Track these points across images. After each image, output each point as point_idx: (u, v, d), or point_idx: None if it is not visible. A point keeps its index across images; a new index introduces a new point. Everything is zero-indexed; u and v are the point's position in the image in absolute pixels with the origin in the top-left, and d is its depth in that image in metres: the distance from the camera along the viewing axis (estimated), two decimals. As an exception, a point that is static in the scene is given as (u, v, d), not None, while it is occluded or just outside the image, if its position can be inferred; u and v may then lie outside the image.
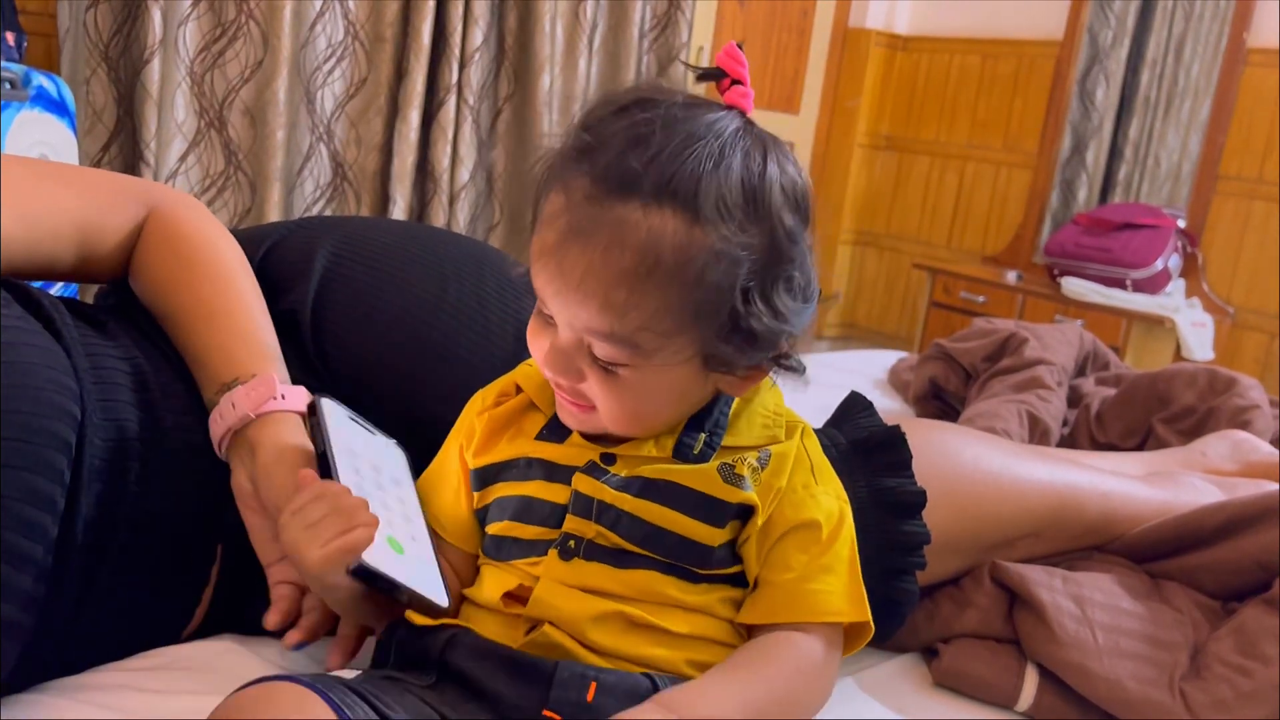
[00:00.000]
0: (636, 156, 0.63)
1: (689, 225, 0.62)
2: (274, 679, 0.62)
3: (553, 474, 0.72)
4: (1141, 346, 3.36)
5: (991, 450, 1.11)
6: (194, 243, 0.89)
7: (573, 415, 0.71)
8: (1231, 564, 1.06)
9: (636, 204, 0.62)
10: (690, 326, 0.65)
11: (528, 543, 0.71)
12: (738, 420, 0.73)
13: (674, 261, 0.62)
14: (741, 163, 0.64)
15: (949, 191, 4.28)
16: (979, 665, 1.01)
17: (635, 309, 0.63)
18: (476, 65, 2.84)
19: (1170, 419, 1.57)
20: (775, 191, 0.65)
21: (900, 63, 4.40)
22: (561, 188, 0.65)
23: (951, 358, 1.83)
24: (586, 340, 0.66)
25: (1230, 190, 3.53)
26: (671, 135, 0.63)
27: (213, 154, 2.57)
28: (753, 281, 0.64)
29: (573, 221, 0.64)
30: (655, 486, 0.69)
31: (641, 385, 0.67)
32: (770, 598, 0.70)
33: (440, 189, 2.84)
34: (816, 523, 0.71)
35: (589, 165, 0.64)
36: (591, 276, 0.63)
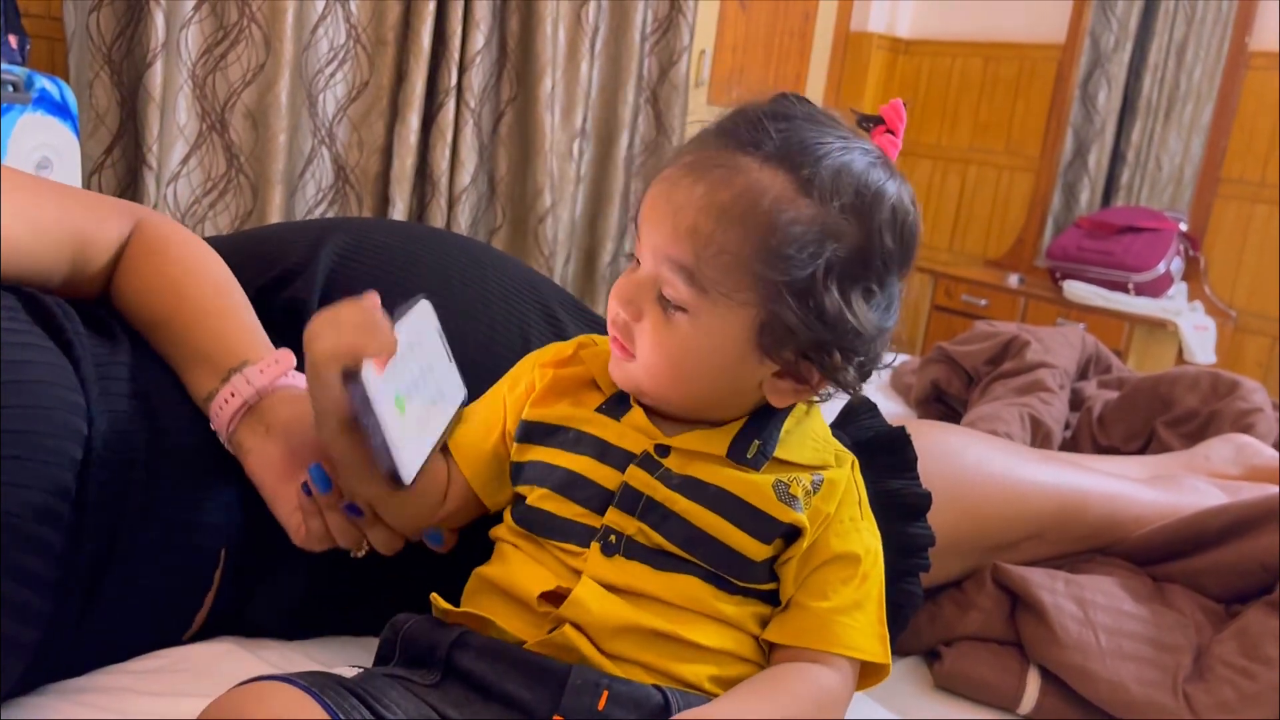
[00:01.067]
0: (771, 125, 0.66)
1: (795, 189, 0.65)
2: (266, 679, 0.62)
3: (605, 454, 0.71)
4: (1143, 350, 3.36)
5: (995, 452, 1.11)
6: (185, 251, 0.89)
7: (616, 363, 0.72)
8: (1234, 566, 1.06)
9: (756, 157, 0.66)
10: (763, 273, 0.65)
11: (566, 524, 0.70)
12: (789, 438, 0.73)
13: (768, 212, 0.65)
14: (864, 167, 0.67)
15: (951, 195, 4.28)
16: (981, 667, 1.01)
17: (716, 243, 0.65)
18: (478, 68, 2.85)
19: (1173, 422, 1.57)
20: (885, 206, 0.67)
21: (902, 66, 4.40)
22: (698, 140, 0.69)
23: (953, 360, 1.83)
24: (661, 275, 0.67)
25: (1232, 194, 3.53)
26: (812, 124, 0.67)
27: (214, 157, 2.57)
28: (835, 267, 0.65)
29: (694, 160, 0.67)
30: (708, 491, 0.69)
31: (690, 339, 0.67)
32: (801, 621, 0.70)
33: (439, 192, 2.84)
34: (857, 556, 0.71)
35: (727, 125, 0.68)
36: (690, 205, 0.66)
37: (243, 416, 0.79)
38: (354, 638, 0.92)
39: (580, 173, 3.14)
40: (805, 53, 4.20)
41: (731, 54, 3.87)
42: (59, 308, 0.80)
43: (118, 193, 2.48)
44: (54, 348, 0.75)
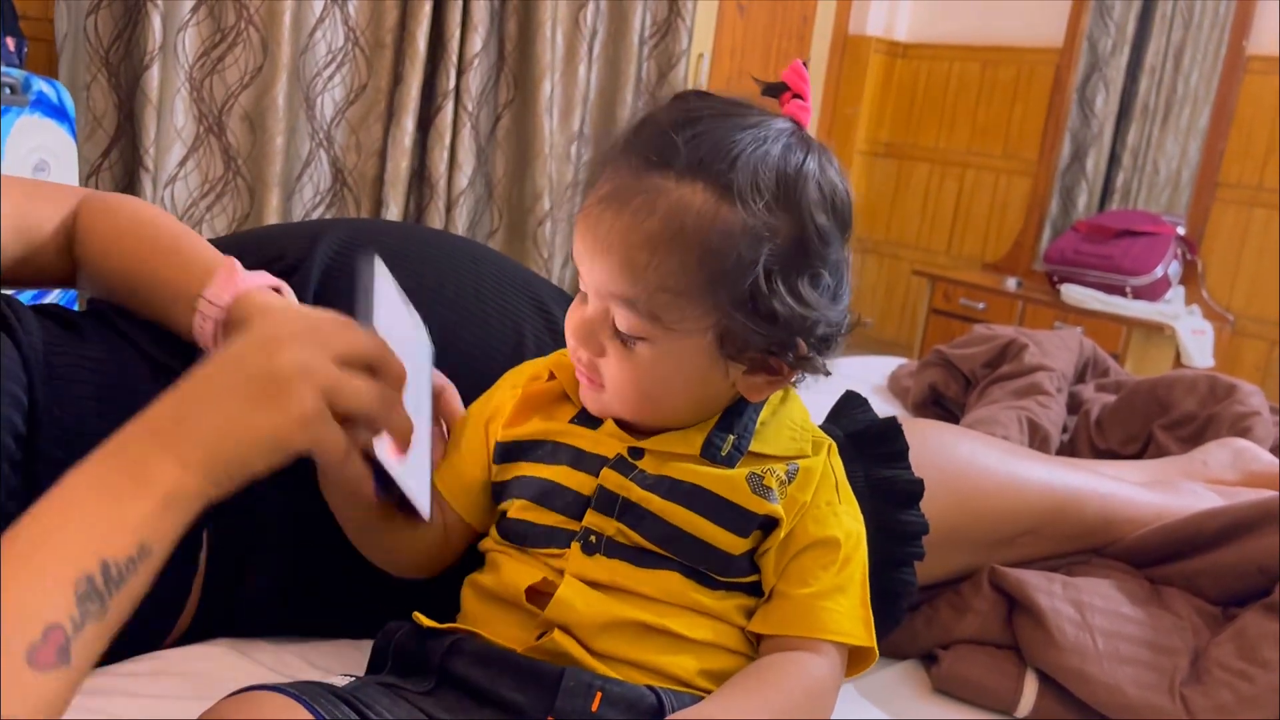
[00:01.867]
0: (679, 134, 0.66)
1: (717, 199, 0.65)
2: (258, 688, 0.62)
3: (579, 461, 0.72)
4: (1141, 353, 3.36)
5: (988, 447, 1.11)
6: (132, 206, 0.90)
7: (587, 392, 0.72)
8: (1232, 569, 1.06)
9: (671, 175, 0.65)
10: (707, 297, 0.65)
11: (547, 530, 0.71)
12: (765, 429, 0.73)
13: (696, 229, 0.64)
14: (780, 154, 0.66)
15: (948, 198, 4.28)
16: (978, 671, 1.00)
17: (654, 271, 0.65)
18: (475, 71, 2.85)
19: (1170, 426, 1.57)
20: (810, 186, 0.67)
21: (900, 70, 4.41)
22: (611, 166, 0.69)
23: (951, 364, 1.83)
24: (610, 310, 0.68)
25: (1230, 197, 3.53)
26: (718, 122, 0.66)
27: (212, 159, 2.57)
28: (775, 265, 0.65)
29: (611, 190, 0.67)
30: (682, 489, 0.69)
31: (656, 364, 0.68)
32: (783, 610, 0.70)
33: (437, 194, 2.84)
34: (836, 540, 0.71)
35: (635, 142, 0.68)
36: (617, 237, 0.66)
37: (225, 334, 0.79)
38: (351, 641, 0.91)
39: (578, 176, 3.14)
40: (803, 56, 4.20)
41: (730, 58, 3.88)
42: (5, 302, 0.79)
43: (115, 195, 2.47)
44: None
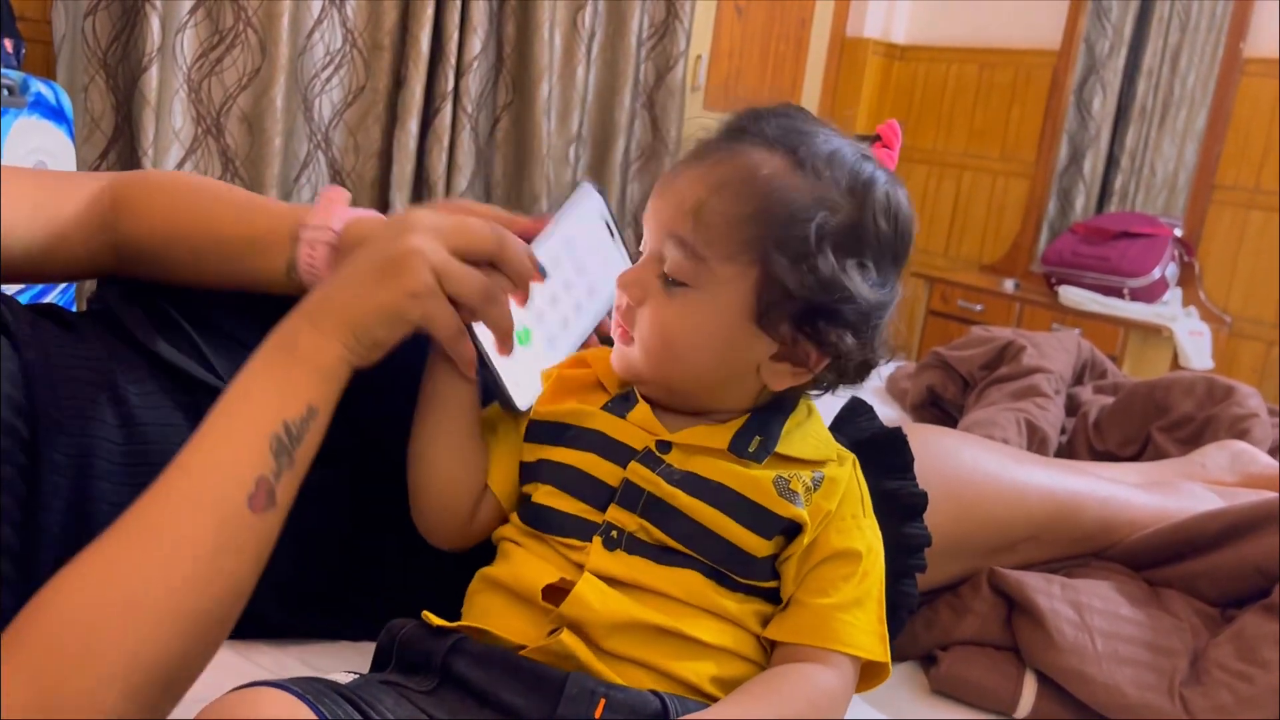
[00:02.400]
0: (771, 117, 0.72)
1: (790, 166, 0.69)
2: (259, 684, 0.61)
3: (607, 449, 0.72)
4: (1139, 355, 3.36)
5: (990, 453, 1.11)
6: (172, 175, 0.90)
7: (617, 349, 0.75)
8: (1231, 570, 1.06)
9: (752, 142, 0.70)
10: (756, 247, 0.68)
11: (571, 519, 0.71)
12: (790, 436, 0.73)
13: (765, 183, 0.68)
14: (854, 157, 0.71)
15: (946, 200, 4.29)
16: (978, 672, 1.00)
17: (713, 210, 0.68)
18: (475, 73, 2.85)
19: (1168, 427, 1.57)
20: (878, 191, 0.70)
21: (897, 72, 4.41)
22: (703, 137, 0.74)
23: (949, 366, 1.83)
24: (662, 252, 0.70)
25: (1227, 199, 3.54)
26: (811, 122, 0.72)
27: (210, 161, 2.57)
28: (827, 235, 0.68)
29: (696, 150, 0.72)
30: (709, 486, 0.69)
31: (690, 313, 0.70)
32: (800, 618, 0.70)
33: (436, 196, 2.84)
34: (858, 553, 0.71)
35: (730, 120, 0.73)
36: (690, 183, 0.70)
37: (337, 260, 0.80)
38: (351, 643, 0.91)
39: (577, 177, 3.14)
40: (801, 58, 4.21)
41: (728, 59, 3.88)
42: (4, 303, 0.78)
43: (113, 197, 2.47)
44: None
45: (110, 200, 0.87)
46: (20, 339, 0.75)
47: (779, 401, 0.74)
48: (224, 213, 0.84)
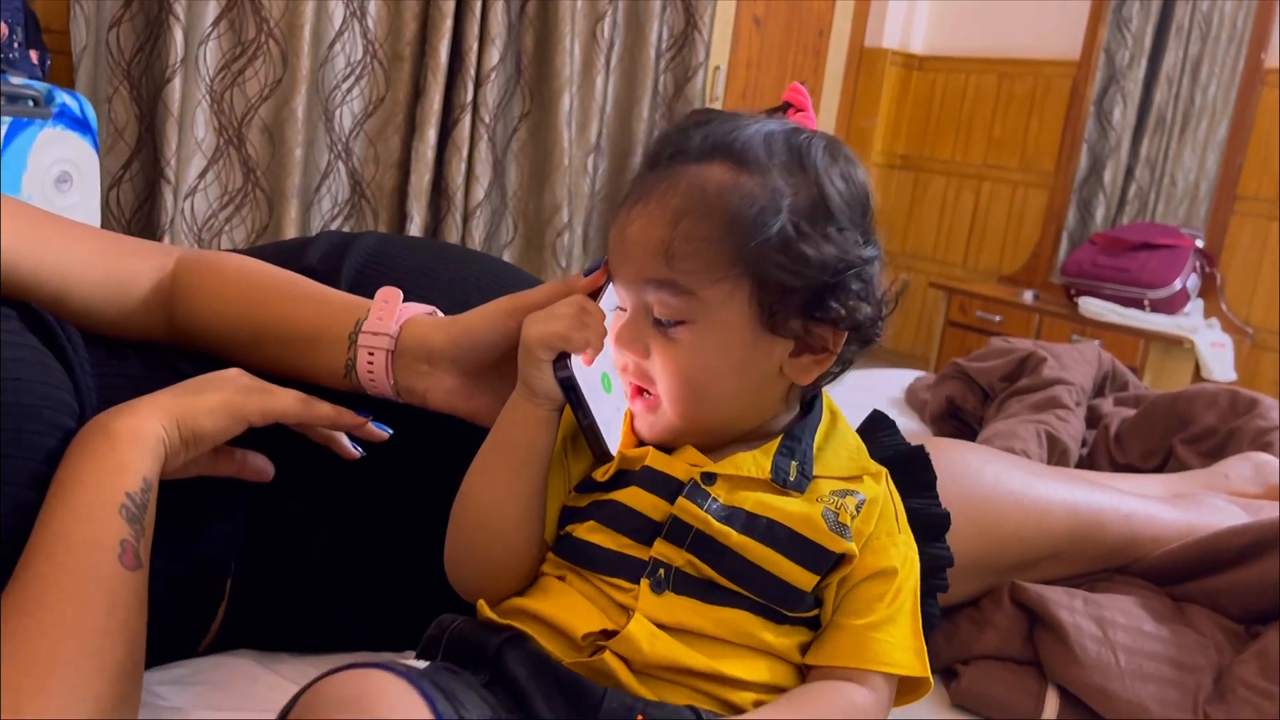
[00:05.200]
0: (691, 133, 0.70)
1: (734, 170, 0.68)
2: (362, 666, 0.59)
3: (653, 484, 0.70)
4: (1159, 367, 3.34)
5: (1013, 470, 1.10)
6: (235, 261, 0.90)
7: (640, 414, 0.73)
8: (1255, 587, 1.05)
9: (688, 163, 0.69)
10: (737, 258, 0.67)
11: (612, 556, 0.69)
12: (822, 454, 0.73)
13: (717, 195, 0.67)
14: (786, 132, 0.71)
15: (965, 211, 4.28)
16: (999, 687, 1.00)
17: (682, 243, 0.67)
18: (493, 84, 2.86)
19: (1191, 440, 1.56)
20: (819, 156, 0.70)
21: (916, 82, 4.41)
22: (634, 181, 0.72)
23: (969, 377, 1.82)
24: (646, 301, 0.69)
25: (1249, 210, 3.52)
26: (728, 119, 0.71)
27: (231, 171, 2.59)
28: (799, 217, 0.67)
29: (634, 192, 0.71)
30: (759, 524, 0.68)
31: (699, 348, 0.69)
32: (836, 641, 0.69)
33: (454, 206, 2.85)
34: (894, 570, 0.71)
35: (653, 153, 0.72)
36: (647, 223, 0.69)
37: (395, 366, 0.81)
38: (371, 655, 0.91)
39: (595, 188, 3.15)
40: (819, 69, 4.21)
41: (746, 70, 3.88)
42: (59, 325, 0.81)
43: (136, 207, 2.50)
44: (46, 351, 0.76)
45: (172, 283, 0.89)
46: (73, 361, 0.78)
47: (805, 410, 0.75)
48: (285, 307, 0.85)
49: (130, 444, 0.71)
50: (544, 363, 0.70)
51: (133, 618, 0.67)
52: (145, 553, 0.70)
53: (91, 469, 0.70)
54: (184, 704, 0.79)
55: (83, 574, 0.65)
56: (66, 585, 0.65)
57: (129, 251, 0.89)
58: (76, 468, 0.70)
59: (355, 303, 0.84)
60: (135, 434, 0.72)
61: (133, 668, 0.67)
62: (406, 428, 0.85)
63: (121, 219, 2.48)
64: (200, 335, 0.88)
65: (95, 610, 0.65)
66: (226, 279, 0.88)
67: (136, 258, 0.89)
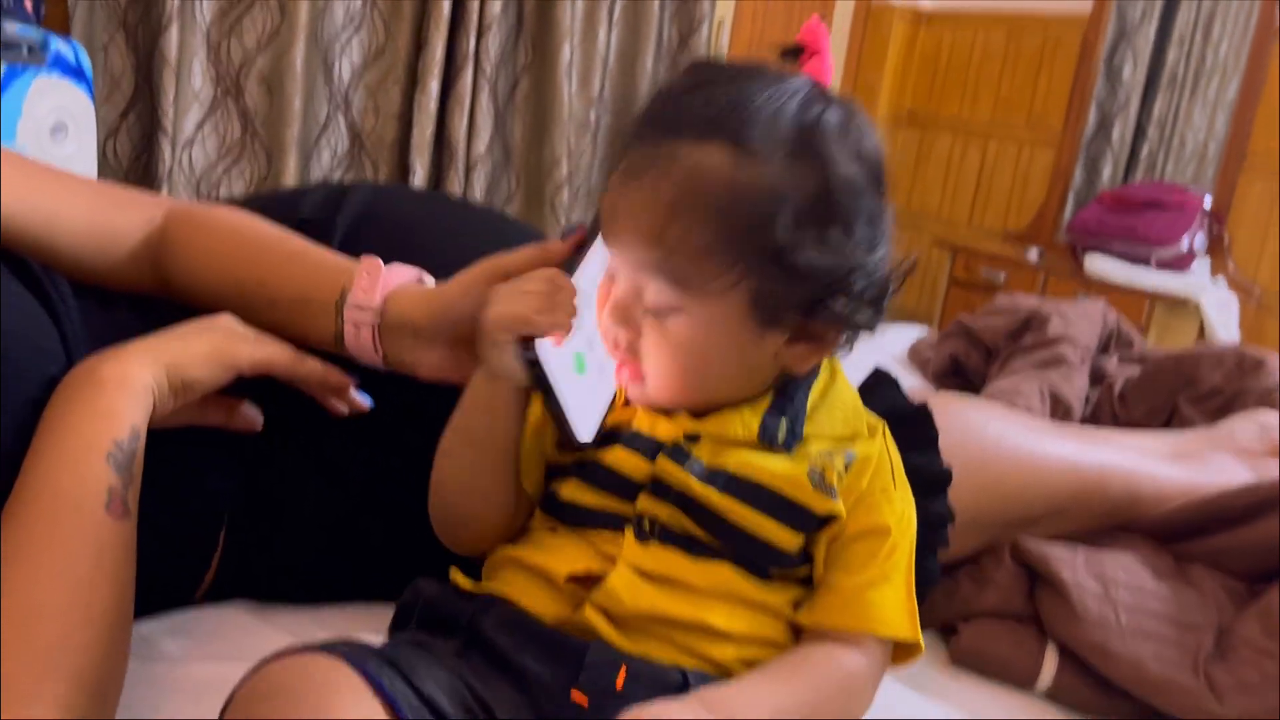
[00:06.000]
0: (691, 100, 0.65)
1: (734, 157, 0.63)
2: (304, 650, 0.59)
3: (633, 441, 0.69)
4: (1165, 326, 3.32)
5: (1016, 426, 1.10)
6: (226, 217, 0.88)
7: (630, 385, 0.71)
8: (1260, 545, 1.04)
9: (686, 140, 0.64)
10: (733, 256, 0.64)
11: (600, 512, 0.68)
12: (816, 413, 0.71)
13: (714, 188, 0.63)
14: (797, 107, 0.65)
15: (971, 168, 4.23)
16: (998, 644, 0.99)
17: (677, 235, 0.63)
18: (494, 35, 2.82)
19: (1197, 399, 1.55)
20: (830, 136, 0.65)
21: (923, 38, 4.35)
22: (630, 144, 0.67)
23: (973, 334, 1.81)
24: (639, 285, 0.66)
25: (1258, 169, 3.48)
26: (731, 85, 0.65)
27: (229, 122, 2.56)
28: (801, 218, 0.63)
29: (629, 165, 0.66)
30: (741, 484, 0.67)
31: (692, 338, 0.66)
32: (827, 600, 0.68)
33: (456, 160, 2.82)
34: (887, 528, 0.69)
35: (649, 115, 0.67)
36: (638, 208, 0.65)
37: (382, 338, 0.79)
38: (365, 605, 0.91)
39: (598, 142, 3.12)
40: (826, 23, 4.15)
41: (751, 22, 3.83)
42: (45, 273, 0.80)
43: (133, 157, 2.47)
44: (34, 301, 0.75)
45: (161, 237, 0.87)
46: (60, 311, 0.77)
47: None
48: (273, 269, 0.84)
49: (118, 390, 0.70)
50: (505, 345, 0.67)
51: (120, 567, 0.66)
52: (133, 502, 0.69)
53: (78, 415, 0.68)
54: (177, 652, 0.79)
55: (69, 523, 0.64)
56: (52, 534, 0.64)
57: (119, 202, 0.88)
58: (63, 414, 0.68)
59: (343, 267, 0.82)
60: (123, 380, 0.70)
61: (121, 617, 0.66)
62: (399, 385, 0.84)
63: (119, 169, 2.45)
64: (188, 291, 0.86)
65: (82, 560, 0.64)
66: (214, 235, 0.86)
67: (126, 209, 0.87)
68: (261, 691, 0.56)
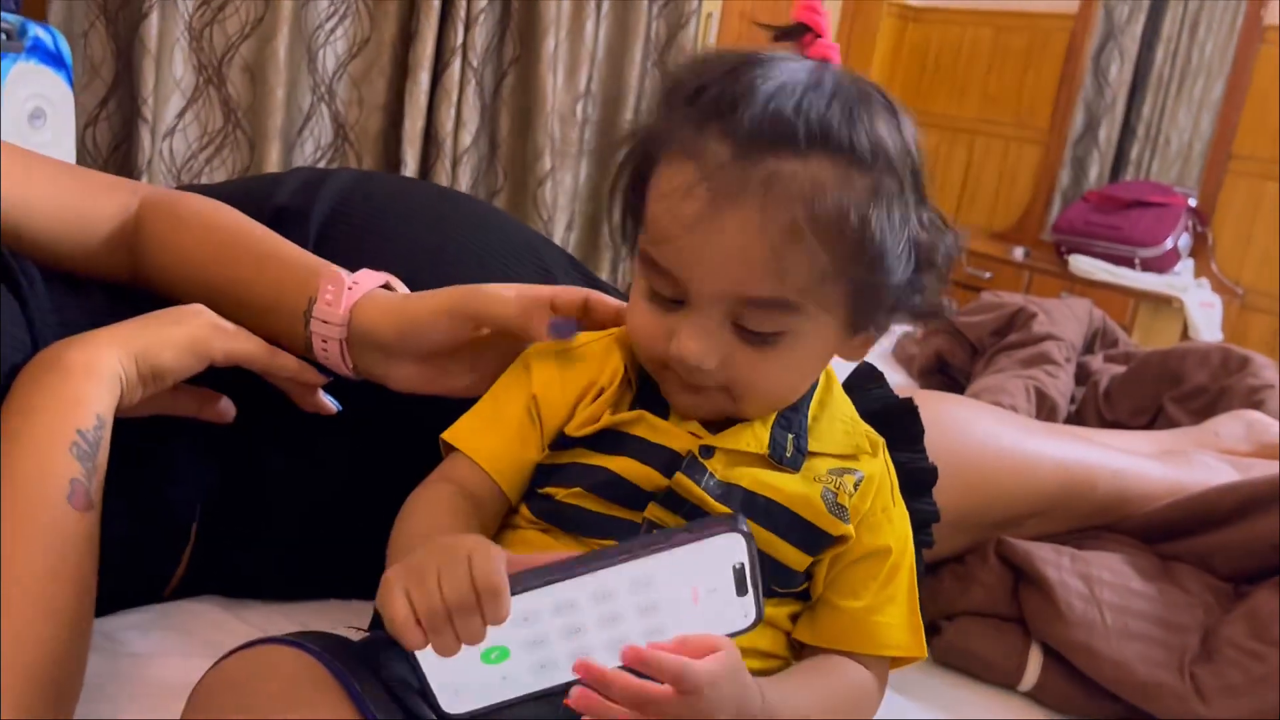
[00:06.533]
0: (782, 107, 0.60)
1: (845, 170, 0.60)
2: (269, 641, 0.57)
3: (644, 453, 0.66)
4: (1149, 325, 3.33)
5: (1002, 425, 1.09)
6: (195, 210, 0.86)
7: (690, 399, 0.66)
8: (1245, 546, 1.04)
9: (790, 155, 0.59)
10: (849, 275, 0.61)
11: (602, 519, 0.66)
12: (817, 425, 0.70)
13: (842, 216, 0.59)
14: (879, 105, 0.63)
15: (958, 166, 4.23)
16: (982, 643, 0.99)
17: (802, 264, 0.60)
18: (481, 27, 2.80)
19: (1181, 398, 1.55)
20: (904, 124, 0.64)
21: (911, 34, 4.35)
22: (687, 154, 0.61)
23: (959, 332, 1.80)
24: (740, 316, 0.62)
25: (1243, 170, 3.49)
26: (802, 87, 0.61)
27: (211, 111, 2.53)
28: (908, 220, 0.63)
29: (720, 185, 0.59)
30: (758, 504, 0.66)
31: (795, 357, 0.64)
32: (834, 623, 0.68)
33: (444, 152, 2.80)
34: (889, 549, 0.69)
35: (722, 125, 0.60)
36: (755, 238, 0.59)
37: (350, 351, 0.77)
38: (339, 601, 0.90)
39: (585, 136, 3.10)
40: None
41: (739, 17, 3.81)
42: (14, 258, 0.77)
43: (113, 146, 2.44)
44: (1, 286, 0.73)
45: (136, 226, 0.85)
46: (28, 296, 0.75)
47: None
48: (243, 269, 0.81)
49: (84, 377, 0.67)
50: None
51: (83, 560, 0.65)
52: (97, 493, 0.67)
53: (42, 403, 0.66)
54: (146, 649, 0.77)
55: (29, 515, 0.63)
56: (12, 526, 0.62)
57: (93, 188, 0.86)
58: (26, 401, 0.67)
59: (313, 271, 0.80)
60: (90, 367, 0.68)
61: (81, 614, 0.64)
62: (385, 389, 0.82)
63: (98, 158, 2.42)
64: (161, 284, 0.84)
65: (42, 553, 0.62)
66: (188, 230, 0.84)
67: (100, 195, 0.85)
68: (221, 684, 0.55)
